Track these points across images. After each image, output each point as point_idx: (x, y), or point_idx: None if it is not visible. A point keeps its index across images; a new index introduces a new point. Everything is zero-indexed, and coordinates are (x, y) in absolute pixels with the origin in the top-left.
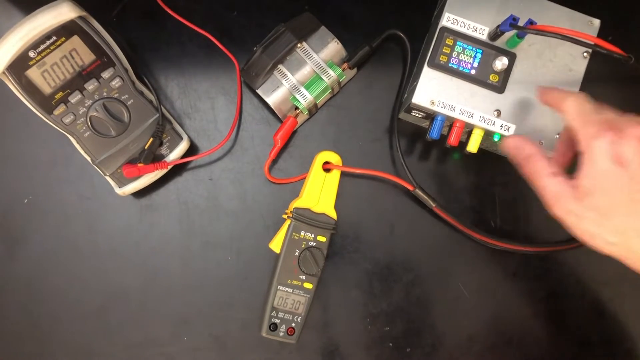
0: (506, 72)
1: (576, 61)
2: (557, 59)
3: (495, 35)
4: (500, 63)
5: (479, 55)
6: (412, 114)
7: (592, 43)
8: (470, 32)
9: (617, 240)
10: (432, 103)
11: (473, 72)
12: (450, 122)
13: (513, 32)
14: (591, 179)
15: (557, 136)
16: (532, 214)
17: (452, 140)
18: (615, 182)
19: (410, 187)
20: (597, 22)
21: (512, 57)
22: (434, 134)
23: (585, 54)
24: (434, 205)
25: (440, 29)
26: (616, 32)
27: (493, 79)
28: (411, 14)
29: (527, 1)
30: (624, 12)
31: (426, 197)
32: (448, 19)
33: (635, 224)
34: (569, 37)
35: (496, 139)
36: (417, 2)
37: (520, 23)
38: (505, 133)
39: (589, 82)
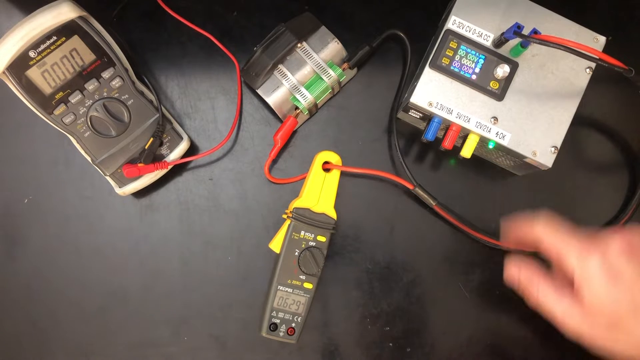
0: (507, 80)
1: (578, 76)
2: (559, 71)
3: (499, 42)
4: (502, 70)
5: (481, 61)
6: (410, 113)
7: (593, 56)
8: (475, 37)
9: (633, 344)
10: (430, 104)
11: (474, 77)
12: (447, 125)
13: (517, 40)
14: (592, 299)
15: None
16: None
17: (447, 143)
18: (616, 296)
19: (410, 186)
20: (602, 39)
21: (514, 66)
22: (429, 135)
23: (587, 70)
24: (434, 203)
25: (445, 31)
26: (617, 44)
27: (493, 85)
28: (411, 14)
29: (535, 12)
30: (625, 24)
31: (426, 196)
32: (454, 22)
33: None
34: (570, 48)
35: (491, 146)
36: (417, 2)
37: (525, 32)
38: (501, 141)
39: (590, 96)
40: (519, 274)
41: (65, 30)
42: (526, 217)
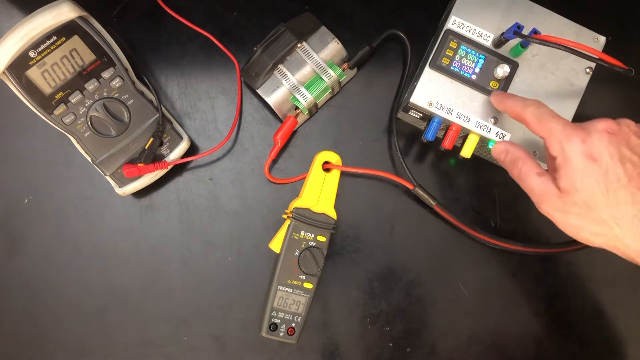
0: (507, 80)
1: (578, 76)
2: (560, 72)
3: (499, 42)
4: (502, 70)
5: (481, 61)
6: (410, 113)
7: (593, 56)
8: (475, 37)
9: (601, 231)
10: (430, 104)
11: (474, 77)
12: (447, 125)
13: (517, 40)
14: (569, 179)
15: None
16: (532, 214)
17: (447, 143)
18: (592, 177)
19: (410, 186)
20: (602, 39)
21: (514, 66)
22: (429, 135)
23: (587, 70)
24: (434, 203)
25: (445, 31)
26: (617, 44)
27: (493, 85)
28: (411, 14)
29: (535, 12)
30: (625, 25)
31: (426, 196)
32: (454, 22)
33: (615, 212)
34: (570, 48)
35: (491, 146)
36: (417, 2)
37: (525, 32)
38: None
39: (590, 96)
40: (506, 152)
41: (65, 30)
42: (519, 99)
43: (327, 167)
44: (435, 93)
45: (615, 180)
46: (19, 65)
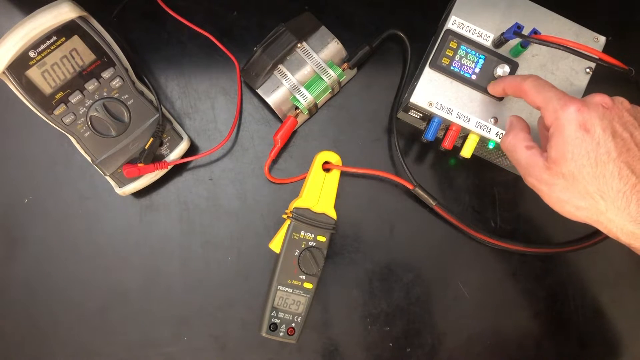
0: None
1: (578, 76)
2: (560, 72)
3: (499, 42)
4: (502, 70)
5: (481, 61)
6: (410, 113)
7: (593, 56)
8: (474, 37)
9: (585, 205)
10: (430, 104)
11: (474, 77)
12: (447, 125)
13: (517, 40)
14: (560, 148)
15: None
16: (532, 214)
17: (447, 143)
18: (582, 147)
19: (410, 186)
20: (602, 39)
21: (514, 66)
22: (429, 135)
23: (587, 70)
24: (434, 203)
25: (445, 31)
26: (617, 44)
27: None
28: (411, 14)
29: (535, 12)
30: (625, 25)
31: (426, 196)
32: (454, 22)
33: (601, 186)
34: (570, 48)
35: (491, 146)
36: (417, 2)
37: (525, 32)
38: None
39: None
40: (510, 123)
41: (65, 30)
42: (517, 75)
43: (327, 167)
44: (435, 93)
45: (605, 153)
46: (19, 65)
